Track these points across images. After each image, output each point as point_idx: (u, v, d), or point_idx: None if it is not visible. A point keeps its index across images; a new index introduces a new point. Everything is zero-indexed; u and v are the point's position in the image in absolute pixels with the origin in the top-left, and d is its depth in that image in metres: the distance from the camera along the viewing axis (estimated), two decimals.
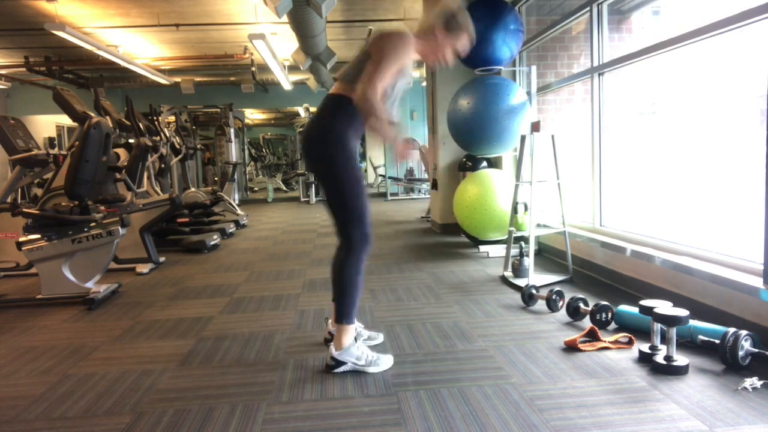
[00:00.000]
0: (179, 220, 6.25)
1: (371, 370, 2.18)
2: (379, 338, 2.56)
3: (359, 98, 1.99)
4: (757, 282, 2.31)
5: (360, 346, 2.22)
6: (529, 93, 4.71)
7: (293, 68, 10.11)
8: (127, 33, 8.34)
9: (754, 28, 2.50)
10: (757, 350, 2.08)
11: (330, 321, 2.31)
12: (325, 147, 2.13)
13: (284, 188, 15.86)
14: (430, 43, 2.20)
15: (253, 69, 10.05)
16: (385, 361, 2.23)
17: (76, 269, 3.49)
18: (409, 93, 12.83)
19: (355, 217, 2.16)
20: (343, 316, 2.20)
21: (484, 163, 5.11)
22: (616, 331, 2.55)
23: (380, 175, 14.10)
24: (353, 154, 2.18)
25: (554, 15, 5.11)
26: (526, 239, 3.70)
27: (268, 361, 2.36)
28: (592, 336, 2.44)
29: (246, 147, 15.30)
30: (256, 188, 16.23)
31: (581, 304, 2.73)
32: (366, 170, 17.53)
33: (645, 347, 2.24)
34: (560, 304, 2.91)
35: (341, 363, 2.17)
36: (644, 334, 2.42)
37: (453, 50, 2.23)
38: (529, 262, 3.50)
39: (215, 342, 2.64)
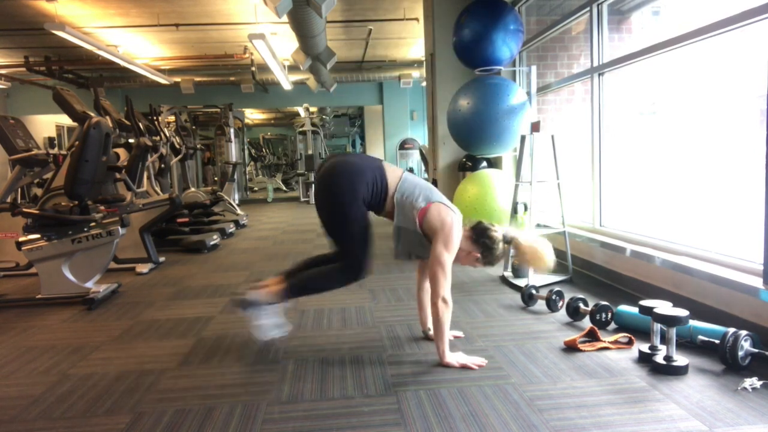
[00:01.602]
0: (179, 220, 6.25)
1: (262, 332, 2.34)
2: (284, 330, 2.48)
3: (441, 301, 2.16)
4: (757, 282, 2.31)
5: (275, 314, 2.35)
6: (529, 93, 4.71)
7: (293, 68, 10.10)
8: (127, 33, 8.34)
9: (754, 28, 2.50)
10: (756, 350, 2.08)
11: (259, 291, 2.34)
12: (341, 189, 2.21)
13: (284, 188, 15.86)
14: (463, 248, 2.31)
15: (253, 69, 10.04)
16: (278, 331, 2.39)
17: (75, 269, 3.49)
18: (409, 93, 12.84)
19: (357, 247, 2.25)
20: (294, 293, 2.32)
21: (484, 163, 5.11)
22: (616, 331, 2.55)
23: None
24: (362, 208, 2.24)
25: (554, 15, 5.12)
26: None
27: (268, 361, 2.36)
28: (591, 336, 2.44)
29: (246, 147, 15.30)
30: (256, 188, 16.23)
31: (581, 305, 2.73)
32: None
33: (645, 347, 2.24)
34: (560, 304, 2.91)
35: (251, 306, 2.30)
36: (644, 334, 2.42)
37: (473, 265, 2.41)
38: None
39: (215, 342, 2.64)
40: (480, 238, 2.31)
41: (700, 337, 2.25)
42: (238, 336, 2.72)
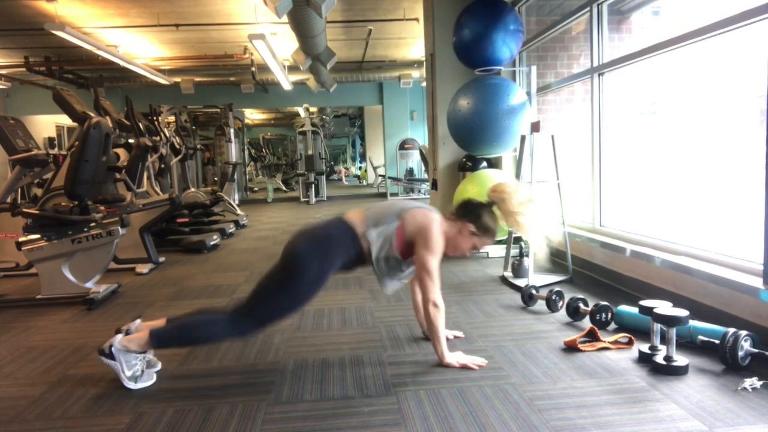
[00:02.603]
0: (179, 220, 6.25)
1: (128, 384, 2.08)
2: (153, 372, 2.23)
3: (431, 306, 2.13)
4: (757, 282, 2.31)
5: (140, 362, 2.13)
6: (528, 93, 4.71)
7: (293, 68, 10.10)
8: (127, 33, 8.34)
9: (754, 28, 2.50)
10: (756, 350, 2.08)
11: (122, 336, 2.11)
12: (308, 255, 2.06)
13: (284, 188, 15.85)
14: (454, 233, 2.23)
15: (253, 69, 10.05)
16: (147, 379, 2.14)
17: (75, 269, 3.49)
18: (409, 93, 12.85)
19: (267, 311, 2.08)
20: (163, 342, 2.10)
21: (484, 163, 5.11)
22: (616, 331, 2.55)
23: (380, 175, 14.10)
24: (325, 277, 2.10)
25: (554, 15, 5.11)
26: (525, 239, 3.70)
27: (268, 361, 2.36)
28: (591, 336, 2.44)
29: (246, 147, 15.30)
30: (255, 188, 16.22)
31: (581, 305, 2.73)
32: (366, 170, 17.56)
33: (645, 347, 2.24)
34: (560, 304, 2.91)
35: (112, 357, 2.06)
36: (644, 334, 2.42)
37: (473, 247, 2.27)
38: (528, 262, 3.50)
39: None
40: (465, 212, 2.24)
41: (700, 337, 2.25)
42: None
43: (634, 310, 2.45)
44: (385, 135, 13.21)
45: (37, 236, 3.38)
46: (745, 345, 2.07)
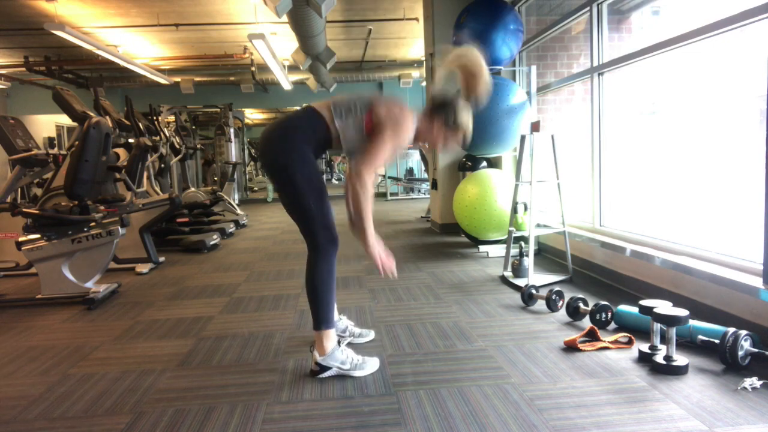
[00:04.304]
0: (179, 220, 6.25)
1: (356, 374, 2.16)
2: (370, 335, 2.57)
3: (355, 176, 2.03)
4: (757, 282, 2.31)
5: (344, 349, 2.20)
6: (528, 93, 4.71)
7: (293, 68, 10.11)
8: (127, 33, 8.34)
9: (754, 28, 2.50)
10: (756, 350, 2.08)
11: (315, 352, 2.19)
12: (284, 155, 2.08)
13: None
14: (426, 126, 2.21)
15: (253, 69, 10.05)
16: (371, 364, 2.21)
17: (75, 269, 3.49)
18: (409, 93, 12.85)
19: (319, 225, 2.14)
20: (322, 322, 2.17)
21: (484, 163, 5.11)
22: (616, 331, 2.55)
23: (380, 175, 14.09)
24: (314, 164, 2.13)
25: (554, 15, 5.12)
26: (525, 239, 3.70)
27: (268, 361, 2.36)
28: (591, 336, 2.44)
29: (246, 147, 15.29)
30: (255, 188, 16.22)
31: (581, 304, 2.73)
32: None
33: (645, 347, 2.24)
34: (560, 304, 2.91)
35: (326, 368, 2.15)
36: (644, 334, 2.42)
37: (446, 142, 2.24)
38: (528, 262, 3.50)
39: (215, 342, 2.64)
40: (437, 105, 2.19)
41: (700, 337, 2.25)
42: (238, 336, 2.72)
43: (634, 309, 2.45)
44: None
45: (37, 236, 3.38)
46: (745, 345, 2.07)
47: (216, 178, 11.58)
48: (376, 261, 2.07)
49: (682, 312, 2.08)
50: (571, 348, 2.36)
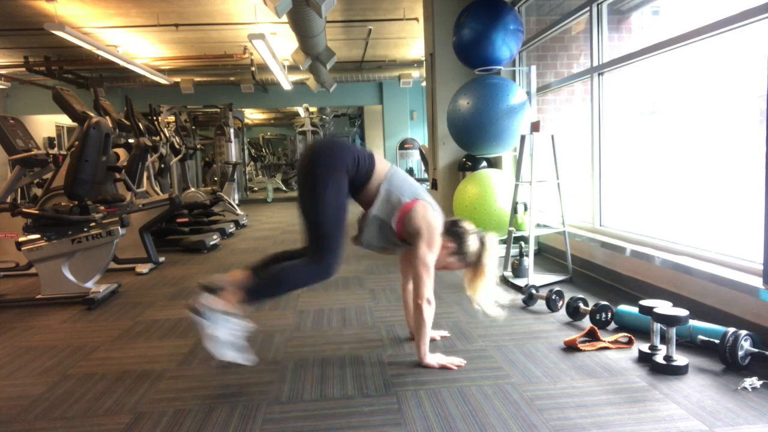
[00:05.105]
0: (179, 220, 6.25)
1: (212, 338, 1.99)
2: (248, 359, 2.14)
3: (418, 298, 2.13)
4: (757, 282, 2.31)
5: (235, 323, 2.06)
6: (528, 93, 4.71)
7: (293, 68, 10.10)
8: (127, 33, 8.34)
9: (754, 28, 2.50)
10: (756, 350, 2.08)
11: (215, 297, 2.08)
12: (323, 168, 2.09)
13: (284, 188, 15.84)
14: (442, 243, 2.23)
15: (253, 69, 10.04)
16: (239, 356, 2.05)
17: (75, 269, 3.49)
18: (408, 93, 12.85)
19: (326, 245, 2.08)
20: (252, 297, 2.09)
21: (484, 163, 5.11)
22: (616, 331, 2.55)
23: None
24: (344, 190, 2.11)
25: (554, 15, 5.11)
26: (525, 239, 3.70)
27: (268, 361, 2.36)
28: (591, 336, 2.44)
29: (246, 147, 15.30)
30: (255, 188, 16.22)
31: (581, 304, 2.73)
32: None
33: (645, 347, 2.24)
34: (560, 304, 2.91)
35: (201, 315, 2.00)
36: (644, 334, 2.42)
37: (445, 265, 2.30)
38: (528, 262, 3.50)
39: None
40: (452, 228, 2.27)
41: (700, 337, 2.25)
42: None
43: (634, 309, 2.45)
44: (385, 135, 13.21)
45: (37, 236, 3.38)
46: (745, 344, 2.07)
47: (216, 178, 11.58)
48: (437, 368, 2.18)
49: (682, 312, 2.08)
50: (571, 348, 2.36)
